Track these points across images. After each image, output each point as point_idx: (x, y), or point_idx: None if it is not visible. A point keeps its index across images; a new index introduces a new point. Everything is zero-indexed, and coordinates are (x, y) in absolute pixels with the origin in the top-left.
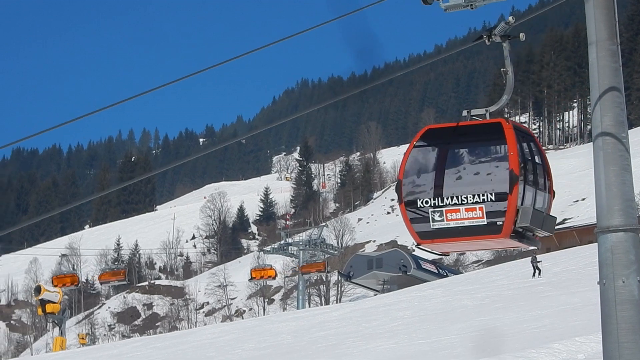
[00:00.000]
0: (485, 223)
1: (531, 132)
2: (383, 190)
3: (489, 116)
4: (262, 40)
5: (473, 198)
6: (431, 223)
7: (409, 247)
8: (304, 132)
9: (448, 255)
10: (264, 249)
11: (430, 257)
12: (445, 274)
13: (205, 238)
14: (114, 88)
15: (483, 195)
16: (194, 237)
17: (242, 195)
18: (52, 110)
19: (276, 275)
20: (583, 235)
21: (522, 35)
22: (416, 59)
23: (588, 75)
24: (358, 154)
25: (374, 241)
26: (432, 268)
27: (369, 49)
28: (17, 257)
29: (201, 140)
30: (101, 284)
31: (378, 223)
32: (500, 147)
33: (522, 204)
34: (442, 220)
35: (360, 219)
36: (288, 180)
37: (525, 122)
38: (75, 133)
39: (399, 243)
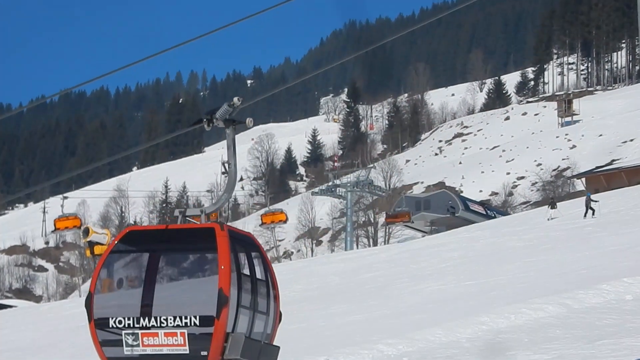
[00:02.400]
0: (187, 352)
1: (256, 240)
2: (431, 131)
3: (204, 219)
4: None
5: (174, 321)
6: (124, 348)
7: (457, 189)
8: (351, 73)
9: None
10: (312, 190)
11: (479, 198)
12: (493, 215)
13: (253, 180)
14: (162, 30)
15: (186, 318)
16: (241, 179)
17: (290, 136)
18: (100, 52)
19: (287, 219)
20: (632, 176)
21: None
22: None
23: (636, 16)
24: (406, 95)
25: (422, 182)
26: (480, 209)
27: None
28: (65, 200)
29: (249, 81)
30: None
31: (426, 164)
32: (212, 260)
33: (233, 331)
34: (138, 346)
35: (408, 161)
36: (336, 121)
37: (573, 63)
38: (122, 75)
39: (446, 184)
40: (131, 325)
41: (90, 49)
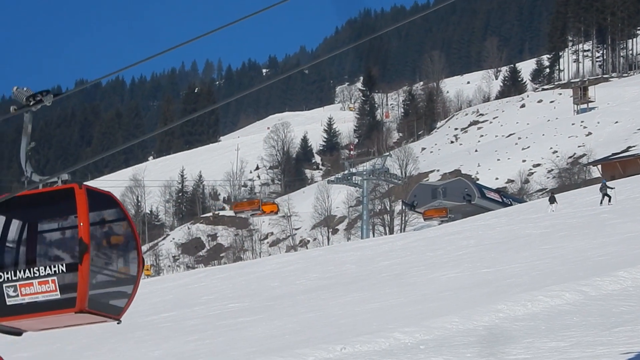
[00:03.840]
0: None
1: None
2: (446, 119)
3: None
4: None
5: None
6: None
7: (472, 176)
8: (367, 61)
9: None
10: (328, 179)
11: (495, 185)
12: (509, 203)
13: (269, 168)
14: (178, 20)
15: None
16: (257, 168)
17: (306, 125)
18: (116, 42)
19: (278, 210)
20: None
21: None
22: None
23: None
24: (421, 83)
25: (438, 170)
26: (496, 197)
27: None
28: None
29: (264, 70)
30: (236, 213)
31: (442, 152)
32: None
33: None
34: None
35: (423, 148)
36: (351, 110)
37: (588, 50)
38: (138, 65)
39: (462, 172)
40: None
41: (106, 39)
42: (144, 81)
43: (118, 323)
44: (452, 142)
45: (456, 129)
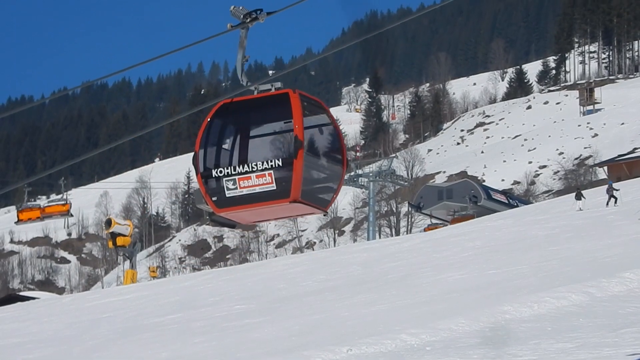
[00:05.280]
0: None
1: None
2: (453, 121)
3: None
4: None
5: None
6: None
7: (479, 178)
8: (373, 63)
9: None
10: None
11: (501, 187)
12: (515, 204)
13: None
14: (184, 23)
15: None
16: None
17: None
18: (122, 43)
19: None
20: None
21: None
22: None
23: None
24: (427, 84)
25: (444, 172)
26: (502, 198)
27: None
28: (87, 191)
29: (270, 72)
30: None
31: (448, 154)
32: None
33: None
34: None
35: (430, 150)
36: (358, 111)
37: (594, 52)
38: (144, 66)
39: (469, 173)
40: (229, 174)
41: (112, 40)
42: (151, 82)
43: (324, 215)
44: (458, 143)
45: (462, 130)
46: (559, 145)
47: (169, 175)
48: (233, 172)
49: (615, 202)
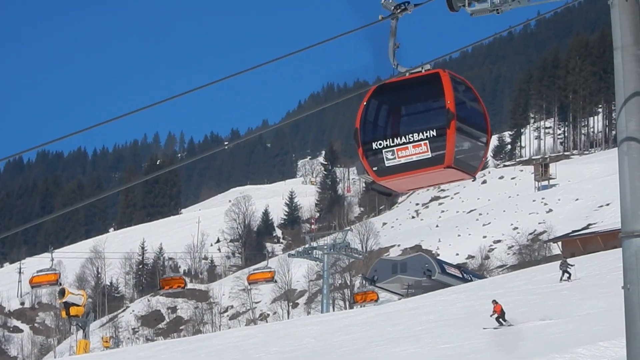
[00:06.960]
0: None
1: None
2: (407, 194)
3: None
4: (288, 42)
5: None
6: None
7: (433, 252)
8: (329, 136)
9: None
10: (289, 252)
11: (455, 261)
12: (469, 279)
13: (230, 242)
14: (139, 91)
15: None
16: (218, 241)
17: (267, 199)
18: (77, 112)
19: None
20: (608, 240)
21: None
22: (441, 64)
23: (613, 81)
24: None
25: (399, 245)
26: (456, 272)
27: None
28: (41, 260)
29: (226, 143)
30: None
31: (402, 227)
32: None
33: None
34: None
35: (384, 223)
36: (313, 184)
37: (550, 127)
38: (100, 136)
39: (423, 247)
40: (388, 145)
41: (68, 110)
42: (106, 152)
43: (473, 180)
44: (413, 217)
45: (417, 204)
46: (513, 220)
47: (124, 245)
48: (391, 144)
49: (569, 277)
